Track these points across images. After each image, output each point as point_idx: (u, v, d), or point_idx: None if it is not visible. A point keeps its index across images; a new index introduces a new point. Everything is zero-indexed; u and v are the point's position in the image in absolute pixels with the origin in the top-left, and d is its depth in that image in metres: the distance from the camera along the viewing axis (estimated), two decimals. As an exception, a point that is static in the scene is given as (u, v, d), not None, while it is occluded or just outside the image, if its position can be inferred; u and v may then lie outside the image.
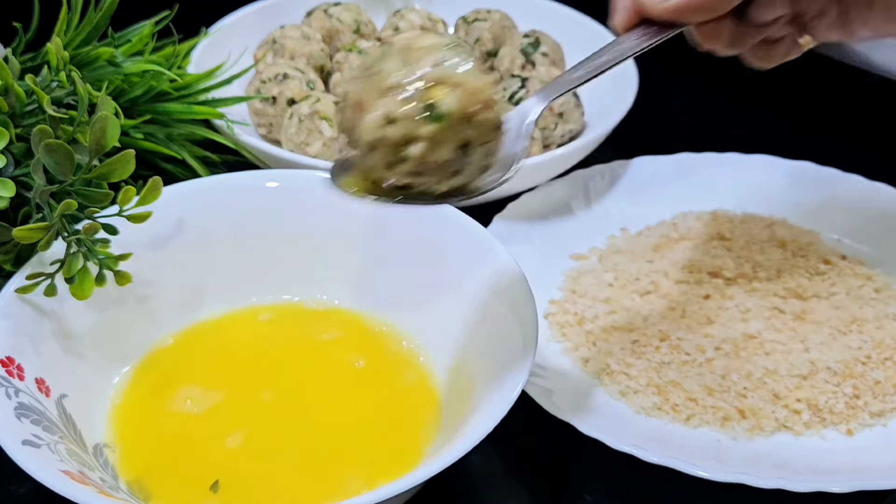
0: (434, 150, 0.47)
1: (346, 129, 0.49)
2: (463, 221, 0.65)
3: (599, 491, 0.61)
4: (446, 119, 0.47)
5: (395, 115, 0.47)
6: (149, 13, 0.78)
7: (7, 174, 0.61)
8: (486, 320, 0.60)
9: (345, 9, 0.91)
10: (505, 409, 0.52)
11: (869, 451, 0.61)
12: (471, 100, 0.48)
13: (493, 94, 0.49)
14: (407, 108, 0.47)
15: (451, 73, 0.48)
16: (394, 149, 0.48)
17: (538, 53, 0.86)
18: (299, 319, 0.64)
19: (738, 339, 0.67)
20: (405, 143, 0.47)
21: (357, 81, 0.48)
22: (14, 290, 0.58)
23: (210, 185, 0.68)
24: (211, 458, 0.57)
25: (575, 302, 0.71)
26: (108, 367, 0.62)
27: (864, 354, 0.66)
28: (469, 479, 0.61)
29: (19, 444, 0.51)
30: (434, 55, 0.48)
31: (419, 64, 0.48)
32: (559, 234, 0.77)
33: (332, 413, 0.60)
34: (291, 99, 0.81)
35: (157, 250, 0.65)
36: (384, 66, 0.48)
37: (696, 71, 0.99)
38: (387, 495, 0.49)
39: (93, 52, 0.72)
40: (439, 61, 0.48)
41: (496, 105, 0.49)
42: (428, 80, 0.47)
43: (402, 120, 0.47)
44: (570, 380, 0.65)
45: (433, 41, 0.49)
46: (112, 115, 0.58)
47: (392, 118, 0.47)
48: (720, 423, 0.62)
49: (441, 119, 0.47)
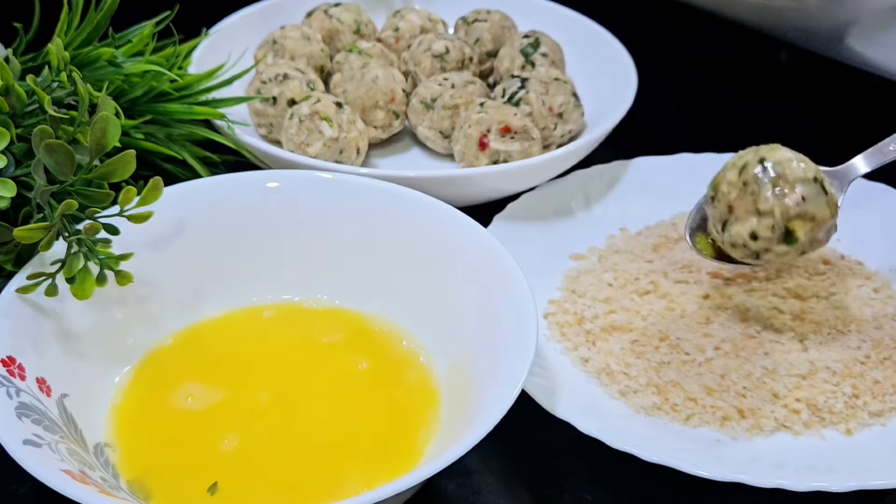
0: (780, 256, 0.62)
1: (718, 212, 0.63)
2: (463, 221, 0.65)
3: (599, 490, 0.61)
4: (798, 244, 0.61)
5: (760, 234, 0.61)
6: (149, 14, 0.78)
7: (8, 174, 0.61)
8: (485, 320, 0.60)
9: (345, 9, 0.91)
10: (505, 408, 0.53)
11: (868, 450, 0.61)
12: (821, 229, 0.62)
13: (836, 219, 0.62)
14: (769, 233, 0.61)
15: (811, 209, 0.61)
16: (749, 252, 0.62)
17: (538, 54, 0.86)
18: (299, 319, 0.64)
19: (738, 338, 0.67)
20: (759, 251, 0.62)
21: (733, 188, 0.62)
22: (15, 289, 0.59)
23: (211, 186, 0.68)
24: (212, 458, 0.58)
25: (574, 302, 0.71)
26: (108, 367, 0.62)
27: (863, 354, 0.66)
28: (469, 478, 0.61)
29: (20, 444, 0.51)
30: (801, 190, 0.61)
31: (789, 198, 0.61)
32: (559, 234, 0.77)
33: (331, 412, 0.61)
34: (292, 99, 0.81)
35: (158, 250, 0.65)
36: (761, 191, 0.61)
37: (696, 71, 0.99)
38: (387, 495, 0.49)
39: (93, 53, 0.72)
40: (804, 198, 0.61)
41: (835, 224, 0.62)
42: (791, 215, 0.61)
43: (763, 239, 0.61)
44: (570, 379, 0.65)
45: (802, 174, 0.61)
46: (113, 116, 0.59)
47: (755, 235, 0.61)
48: (720, 423, 0.62)
49: (793, 243, 0.61)
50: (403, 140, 0.87)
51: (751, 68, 0.74)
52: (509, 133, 0.77)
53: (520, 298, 0.59)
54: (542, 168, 0.77)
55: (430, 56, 0.86)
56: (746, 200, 0.62)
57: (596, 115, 0.84)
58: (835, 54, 0.91)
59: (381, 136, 0.84)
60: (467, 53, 0.87)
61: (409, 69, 0.87)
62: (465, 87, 0.82)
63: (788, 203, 0.61)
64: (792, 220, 0.61)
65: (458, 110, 0.81)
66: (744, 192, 0.62)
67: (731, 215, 0.63)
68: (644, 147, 0.84)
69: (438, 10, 0.95)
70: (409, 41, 0.90)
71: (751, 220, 0.62)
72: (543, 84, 0.81)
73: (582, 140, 0.79)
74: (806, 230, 0.61)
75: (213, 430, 0.59)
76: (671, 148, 0.83)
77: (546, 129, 0.81)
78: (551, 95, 0.81)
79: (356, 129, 0.78)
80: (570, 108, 0.82)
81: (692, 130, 0.74)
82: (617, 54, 0.88)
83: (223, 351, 0.64)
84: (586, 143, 0.79)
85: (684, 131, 0.75)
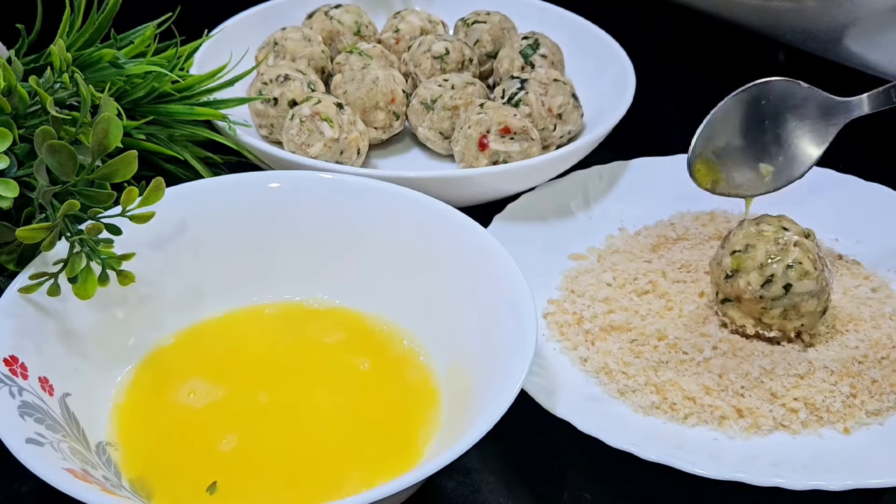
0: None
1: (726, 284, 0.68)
2: (463, 221, 0.65)
3: (598, 489, 0.61)
4: (792, 293, 0.66)
5: (759, 294, 0.66)
6: (151, 15, 0.78)
7: (10, 175, 0.61)
8: (485, 319, 0.61)
9: (345, 11, 0.91)
10: (504, 407, 0.53)
11: (866, 449, 0.62)
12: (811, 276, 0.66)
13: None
14: (772, 291, 0.66)
15: (808, 322, 0.67)
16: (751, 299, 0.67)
17: (537, 55, 0.86)
18: (300, 319, 0.65)
19: (736, 338, 0.67)
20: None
21: (750, 291, 0.66)
22: (17, 289, 0.59)
23: (212, 186, 0.69)
24: (213, 457, 0.58)
25: (574, 301, 0.71)
26: (110, 366, 0.62)
27: (860, 354, 0.67)
28: (468, 477, 0.61)
29: (23, 443, 0.52)
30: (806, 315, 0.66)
31: (792, 322, 0.66)
32: (558, 234, 0.77)
33: (331, 412, 0.61)
34: (293, 100, 0.81)
35: (160, 250, 0.65)
36: (772, 308, 0.66)
37: (695, 72, 1.00)
38: (386, 493, 0.49)
39: (95, 54, 0.72)
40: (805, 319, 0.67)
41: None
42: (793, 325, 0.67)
43: (768, 296, 0.66)
44: (569, 379, 0.65)
45: (813, 309, 0.66)
46: (114, 116, 0.59)
47: (760, 296, 0.66)
48: (718, 422, 0.63)
49: (789, 290, 0.66)
50: (403, 141, 0.87)
51: (749, 70, 0.74)
52: (509, 134, 0.78)
53: (519, 298, 0.59)
54: (541, 168, 0.78)
55: (430, 57, 0.86)
56: (750, 263, 0.66)
57: (595, 116, 0.84)
58: (833, 55, 0.91)
59: (382, 137, 0.84)
60: (467, 54, 0.87)
61: (409, 70, 0.87)
62: (464, 88, 0.82)
63: (792, 324, 0.67)
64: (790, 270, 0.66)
65: (458, 111, 0.81)
66: (745, 258, 0.66)
67: (739, 272, 0.67)
68: (643, 148, 0.84)
69: (438, 11, 0.96)
70: (409, 42, 0.90)
71: (751, 275, 0.66)
72: (543, 85, 0.81)
73: (581, 141, 0.79)
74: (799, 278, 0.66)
75: (213, 429, 0.59)
76: (670, 148, 0.83)
77: (545, 130, 0.81)
78: (550, 96, 0.81)
79: (357, 130, 0.79)
80: (570, 109, 0.82)
81: (691, 131, 0.74)
82: (616, 55, 0.89)
83: (224, 350, 0.64)
84: (585, 143, 0.79)
85: (683, 132, 0.75)
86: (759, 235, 0.67)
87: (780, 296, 0.66)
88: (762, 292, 0.66)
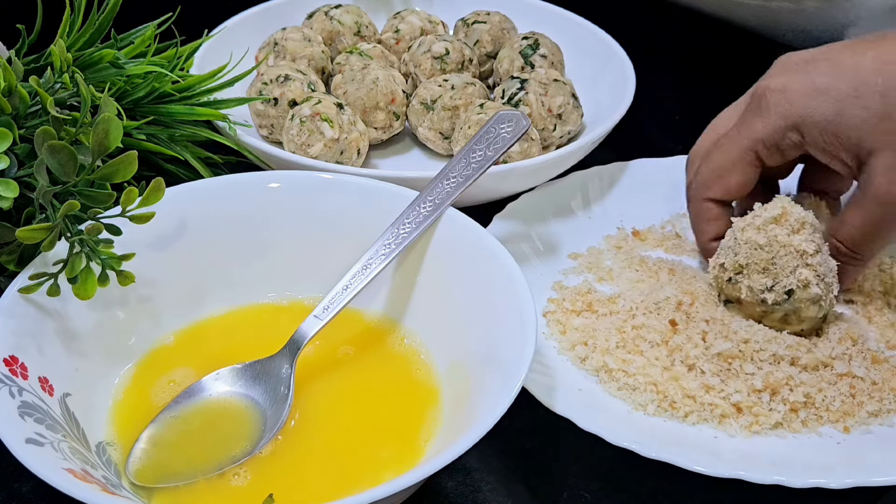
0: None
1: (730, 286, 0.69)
2: (463, 221, 0.65)
3: (598, 487, 0.61)
4: (794, 300, 0.66)
5: (766, 299, 0.67)
6: (151, 15, 0.78)
7: (10, 175, 0.61)
8: (485, 318, 0.61)
9: (345, 11, 0.92)
10: (505, 406, 0.53)
11: (865, 448, 0.62)
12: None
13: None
14: (774, 297, 0.67)
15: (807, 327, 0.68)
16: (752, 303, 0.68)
17: (537, 55, 0.86)
18: (300, 318, 0.64)
19: (736, 337, 0.67)
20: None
21: (749, 250, 0.67)
22: (17, 289, 0.59)
23: (212, 186, 0.69)
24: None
25: (574, 301, 0.71)
26: (110, 366, 0.62)
27: (861, 354, 0.67)
28: (469, 475, 0.61)
29: (23, 443, 0.52)
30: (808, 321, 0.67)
31: (793, 327, 0.67)
32: (558, 233, 0.77)
33: (332, 410, 0.61)
34: (293, 100, 0.81)
35: (160, 250, 0.65)
36: (774, 313, 0.67)
37: (694, 73, 1.00)
38: (387, 493, 0.49)
39: (96, 54, 0.72)
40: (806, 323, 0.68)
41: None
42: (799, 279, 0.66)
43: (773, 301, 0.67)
44: (569, 377, 0.65)
45: (815, 314, 0.67)
46: (115, 117, 0.59)
47: (762, 300, 0.67)
48: (718, 421, 0.63)
49: (791, 295, 0.66)
50: (404, 141, 0.87)
51: (749, 70, 0.74)
52: (509, 134, 0.78)
53: (519, 297, 0.59)
54: (541, 169, 0.78)
55: (431, 57, 0.86)
56: (760, 263, 0.67)
57: (595, 116, 0.84)
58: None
59: (382, 137, 0.84)
60: (467, 55, 0.87)
61: (409, 70, 0.87)
62: (464, 89, 0.82)
63: (792, 327, 0.68)
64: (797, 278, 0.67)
65: (458, 111, 0.81)
66: (758, 304, 0.67)
67: (742, 276, 0.68)
68: (642, 148, 0.84)
69: (438, 11, 0.96)
70: (409, 43, 0.90)
71: (760, 277, 0.67)
72: (543, 85, 0.81)
73: (581, 141, 0.79)
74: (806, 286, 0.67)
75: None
76: (669, 149, 0.83)
77: (545, 130, 0.81)
78: (550, 96, 0.81)
79: (357, 130, 0.79)
80: (569, 109, 0.82)
81: (690, 132, 0.74)
82: (616, 56, 0.89)
83: (224, 350, 0.64)
84: (585, 143, 0.79)
85: (682, 133, 0.75)
86: (763, 237, 0.67)
87: (781, 301, 0.66)
88: (764, 297, 0.66)
